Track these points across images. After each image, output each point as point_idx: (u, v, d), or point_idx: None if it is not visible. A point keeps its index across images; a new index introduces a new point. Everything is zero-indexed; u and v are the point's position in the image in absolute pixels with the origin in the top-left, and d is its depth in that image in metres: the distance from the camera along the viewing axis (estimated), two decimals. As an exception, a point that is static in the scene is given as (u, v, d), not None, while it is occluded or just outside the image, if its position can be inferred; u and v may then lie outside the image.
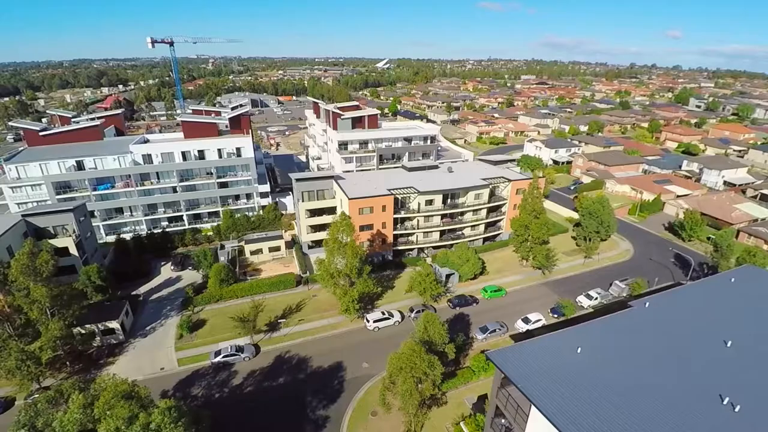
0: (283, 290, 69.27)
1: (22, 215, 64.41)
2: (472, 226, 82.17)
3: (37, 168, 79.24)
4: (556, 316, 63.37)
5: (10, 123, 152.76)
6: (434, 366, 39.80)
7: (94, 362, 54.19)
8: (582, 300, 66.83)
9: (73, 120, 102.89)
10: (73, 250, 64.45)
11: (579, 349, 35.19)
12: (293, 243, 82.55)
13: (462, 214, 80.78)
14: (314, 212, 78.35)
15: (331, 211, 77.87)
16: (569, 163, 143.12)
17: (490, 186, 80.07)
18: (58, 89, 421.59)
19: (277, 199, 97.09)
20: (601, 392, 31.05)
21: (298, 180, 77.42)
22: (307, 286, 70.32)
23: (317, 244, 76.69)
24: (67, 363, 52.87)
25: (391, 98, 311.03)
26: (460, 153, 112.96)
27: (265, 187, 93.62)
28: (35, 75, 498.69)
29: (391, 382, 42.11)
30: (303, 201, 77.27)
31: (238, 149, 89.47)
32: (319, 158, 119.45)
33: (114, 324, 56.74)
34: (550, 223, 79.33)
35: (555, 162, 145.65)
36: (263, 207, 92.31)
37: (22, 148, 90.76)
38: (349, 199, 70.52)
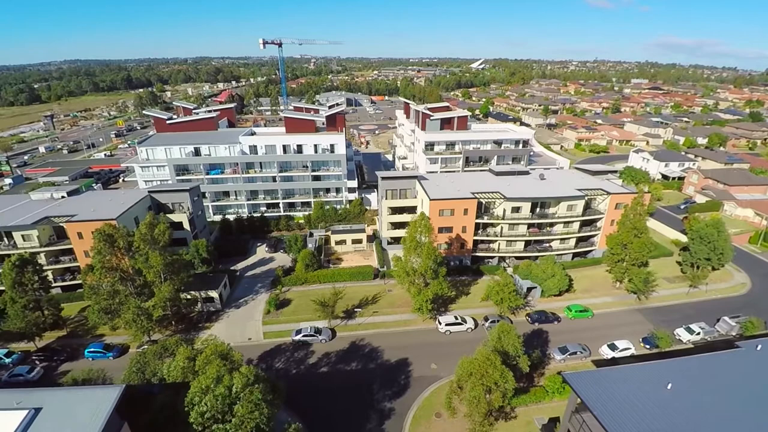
0: (361, 281, 72.04)
1: (149, 191, 74.93)
2: (561, 239, 77.70)
3: (162, 151, 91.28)
4: (648, 346, 57.59)
5: (144, 111, 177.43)
6: (506, 378, 38.62)
7: (194, 325, 61.47)
8: (681, 333, 59.90)
9: (194, 111, 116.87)
10: (186, 225, 73.46)
11: (670, 384, 32.11)
12: (374, 237, 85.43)
13: (551, 225, 76.81)
14: (396, 210, 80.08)
15: (412, 210, 78.99)
16: (681, 179, 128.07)
17: (586, 198, 75.00)
18: (182, 83, 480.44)
19: (363, 195, 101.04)
20: (692, 435, 28.12)
21: (383, 178, 79.68)
22: (383, 280, 72.34)
23: (396, 240, 78.48)
24: (173, 322, 60.75)
25: (483, 99, 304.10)
26: (554, 160, 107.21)
27: (353, 183, 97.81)
28: (164, 70, 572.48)
29: (458, 386, 41.83)
30: (386, 198, 79.33)
31: (332, 146, 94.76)
32: (404, 158, 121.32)
33: (214, 293, 63.80)
34: (653, 244, 72.05)
35: (664, 177, 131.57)
36: (350, 201, 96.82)
37: (151, 133, 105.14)
38: (430, 199, 70.79)
